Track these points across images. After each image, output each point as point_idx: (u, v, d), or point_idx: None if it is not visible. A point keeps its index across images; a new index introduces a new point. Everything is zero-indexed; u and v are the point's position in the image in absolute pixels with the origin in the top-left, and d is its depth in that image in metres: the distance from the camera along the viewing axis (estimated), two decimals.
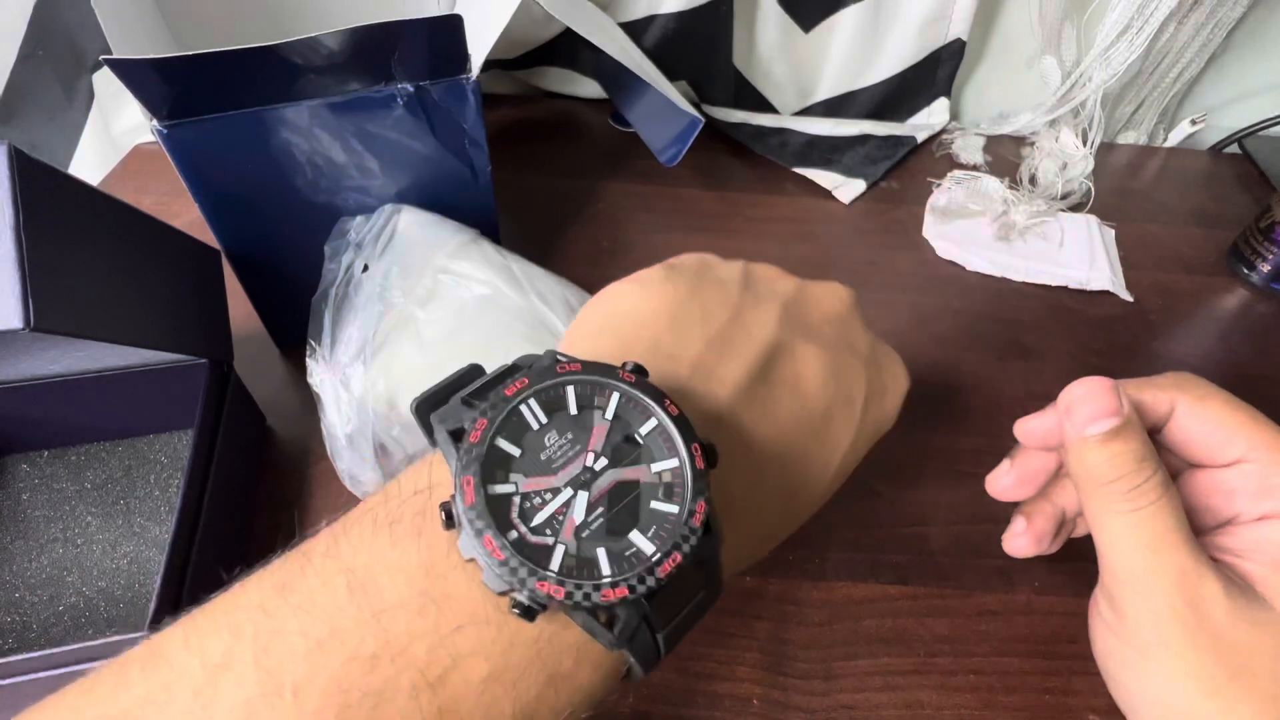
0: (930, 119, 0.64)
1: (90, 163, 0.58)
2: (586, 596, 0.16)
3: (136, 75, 0.29)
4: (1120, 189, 0.59)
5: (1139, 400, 0.26)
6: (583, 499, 0.18)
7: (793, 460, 0.23)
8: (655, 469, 0.19)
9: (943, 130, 0.63)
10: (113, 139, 0.58)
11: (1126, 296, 0.49)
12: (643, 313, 0.24)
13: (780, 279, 0.27)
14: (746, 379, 0.23)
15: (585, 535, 0.17)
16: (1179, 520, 0.23)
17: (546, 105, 0.65)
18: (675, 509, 0.18)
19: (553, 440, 0.18)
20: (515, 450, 0.18)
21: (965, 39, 0.59)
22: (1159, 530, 0.23)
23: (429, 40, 0.32)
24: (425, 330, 0.33)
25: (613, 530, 0.18)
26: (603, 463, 0.18)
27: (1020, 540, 0.29)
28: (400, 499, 0.18)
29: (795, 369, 0.24)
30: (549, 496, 0.17)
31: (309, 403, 0.35)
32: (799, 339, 0.25)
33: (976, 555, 0.35)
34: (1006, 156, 0.61)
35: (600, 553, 0.17)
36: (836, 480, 0.25)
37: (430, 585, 0.17)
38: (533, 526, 0.17)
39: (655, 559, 0.17)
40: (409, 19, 0.31)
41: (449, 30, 0.32)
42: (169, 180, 0.36)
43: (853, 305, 0.28)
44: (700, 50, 0.59)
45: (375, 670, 0.16)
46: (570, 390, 0.19)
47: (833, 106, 0.64)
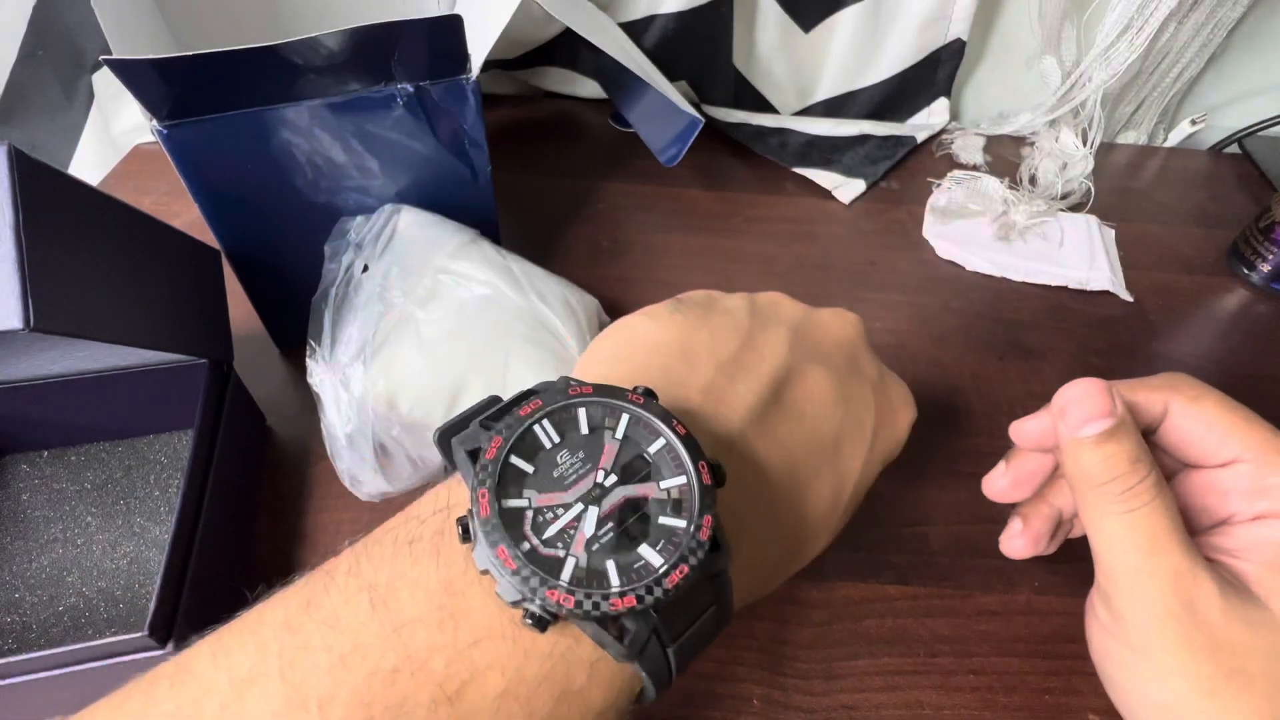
0: (930, 119, 0.64)
1: (90, 163, 0.58)
2: (596, 605, 0.17)
3: (136, 75, 0.29)
4: (1120, 189, 0.59)
5: (1133, 401, 0.26)
6: (593, 514, 0.18)
7: (804, 484, 0.23)
8: (664, 486, 0.19)
9: (943, 130, 0.63)
10: (113, 139, 0.58)
11: (1126, 296, 0.49)
12: (653, 342, 0.24)
13: (787, 304, 0.27)
14: (758, 402, 0.23)
15: (595, 549, 0.18)
16: (1173, 521, 0.23)
17: (546, 105, 0.65)
18: (683, 523, 0.18)
19: (565, 459, 0.19)
20: (529, 467, 0.19)
21: (965, 39, 0.59)
22: (1153, 530, 0.23)
23: (429, 40, 0.32)
24: (425, 330, 0.33)
25: (622, 544, 0.18)
26: (613, 480, 0.19)
27: (1017, 541, 0.29)
28: (420, 519, 0.19)
29: (806, 392, 0.24)
30: (561, 511, 0.18)
31: (309, 403, 0.35)
32: (809, 363, 0.25)
33: (976, 555, 0.35)
34: (1006, 156, 0.61)
35: (610, 565, 0.18)
36: (849, 507, 0.25)
37: (449, 600, 0.17)
38: (545, 539, 0.18)
39: (663, 570, 0.17)
40: (409, 19, 0.31)
41: (449, 30, 0.32)
42: (169, 180, 0.36)
43: (861, 332, 0.28)
44: (700, 50, 0.59)
45: (396, 684, 0.16)
46: (582, 411, 0.20)
47: (833, 106, 0.64)
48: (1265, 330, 0.48)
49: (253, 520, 0.36)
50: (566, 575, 0.17)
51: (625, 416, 0.20)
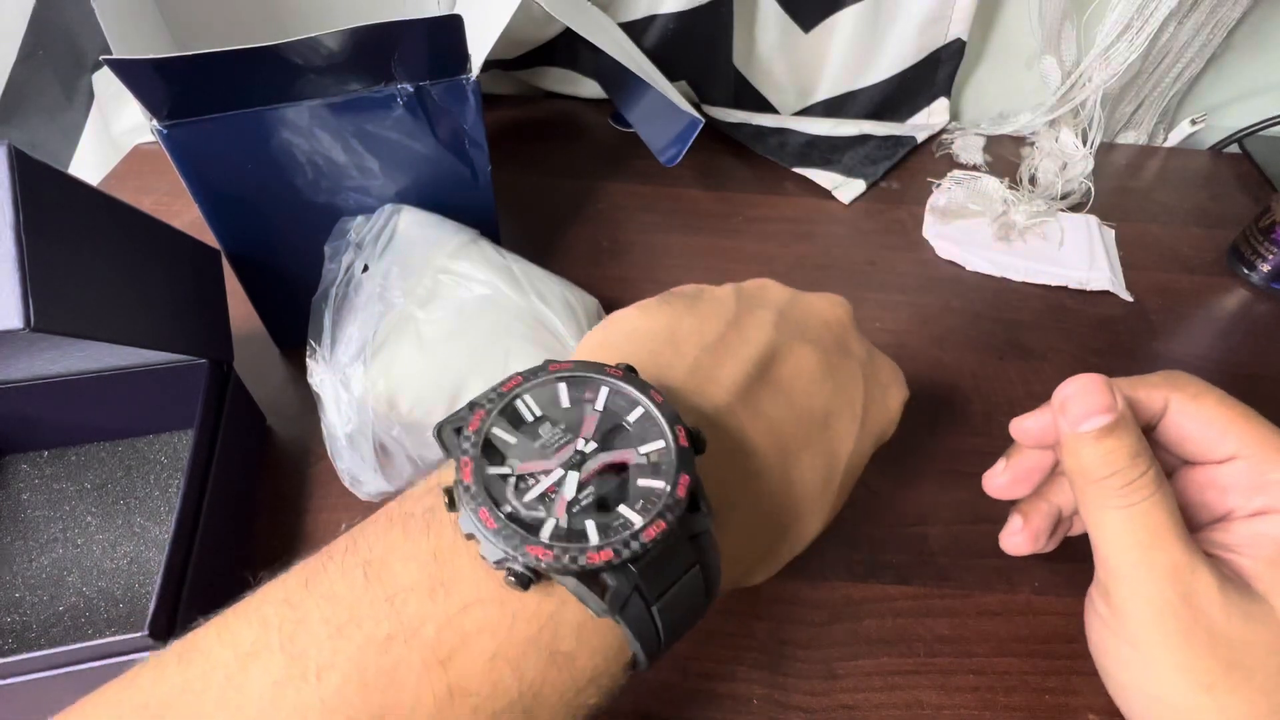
0: (930, 119, 0.64)
1: (90, 163, 0.58)
2: (574, 559, 0.17)
3: (136, 75, 0.29)
4: (1120, 189, 0.59)
5: (1133, 398, 0.26)
6: (573, 478, 0.19)
7: (792, 459, 0.23)
8: (643, 451, 0.20)
9: (943, 130, 0.63)
10: (113, 139, 0.58)
11: (1126, 296, 0.49)
12: (642, 330, 0.24)
13: (774, 288, 0.28)
14: (743, 379, 0.23)
15: (576, 510, 0.18)
16: (1172, 515, 0.24)
17: (546, 105, 0.65)
18: (661, 484, 0.19)
19: (547, 430, 0.20)
20: (511, 439, 0.19)
21: (965, 39, 0.59)
22: (1152, 525, 0.23)
23: (429, 40, 0.32)
24: (425, 330, 0.34)
25: (602, 506, 0.19)
26: (593, 447, 0.19)
27: (1017, 538, 0.29)
28: (413, 499, 0.20)
29: (792, 370, 0.24)
30: (542, 477, 0.19)
31: (309, 403, 0.35)
32: (795, 341, 0.25)
33: (976, 555, 0.35)
34: (1006, 156, 0.61)
35: (589, 524, 0.18)
36: (844, 485, 0.25)
37: (439, 570, 0.18)
38: (526, 502, 0.18)
39: (640, 526, 0.18)
40: (409, 19, 0.31)
41: (449, 30, 0.32)
42: (169, 180, 0.36)
43: (848, 313, 0.28)
44: (700, 50, 0.59)
45: (390, 651, 0.17)
46: (562, 386, 0.21)
47: (832, 106, 0.64)
48: (1265, 330, 0.48)
49: (253, 520, 0.36)
50: (546, 533, 0.18)
51: (604, 389, 0.21)
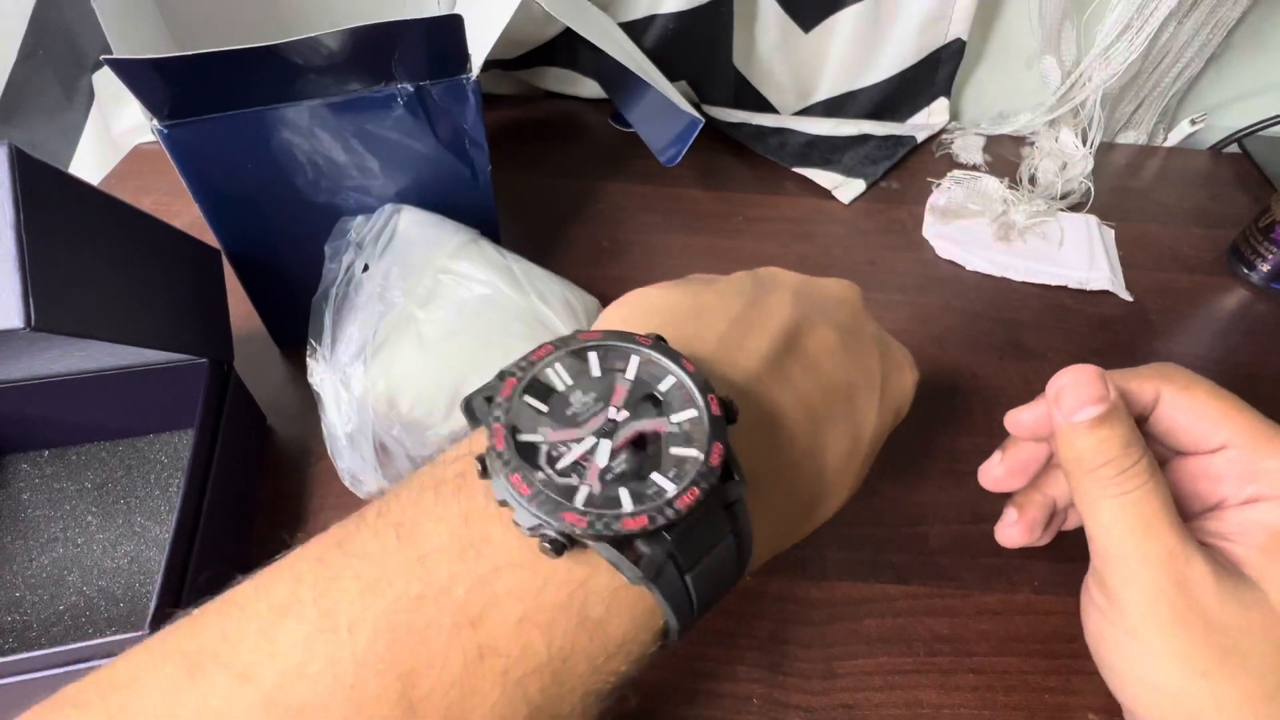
0: (930, 119, 0.64)
1: (90, 163, 0.58)
2: (608, 525, 0.17)
3: (136, 75, 0.29)
4: (1120, 189, 0.59)
5: (1125, 389, 0.26)
6: (606, 446, 0.19)
7: (822, 430, 0.24)
8: (675, 420, 0.20)
9: (942, 130, 0.63)
10: (113, 139, 0.58)
11: (1126, 296, 0.49)
12: (665, 304, 0.25)
13: (786, 273, 0.28)
14: (771, 350, 0.23)
15: (609, 478, 0.18)
16: (1166, 504, 0.24)
17: (546, 105, 0.65)
18: (695, 452, 0.19)
19: (578, 399, 0.20)
20: (543, 407, 0.19)
21: (965, 39, 0.59)
22: (1146, 513, 0.24)
23: (429, 40, 0.32)
24: (425, 330, 0.34)
25: (635, 474, 0.18)
26: (625, 415, 0.19)
27: (1012, 530, 0.30)
28: (444, 465, 0.20)
29: (816, 343, 0.25)
30: (574, 445, 0.19)
31: (309, 403, 0.35)
32: (815, 317, 0.25)
33: (976, 554, 0.35)
34: (1006, 156, 0.61)
35: (622, 492, 0.18)
36: (866, 459, 0.26)
37: (469, 532, 0.18)
38: (559, 470, 0.18)
39: (674, 494, 0.18)
40: (409, 19, 0.31)
41: (449, 30, 0.32)
42: (169, 180, 0.36)
43: (859, 295, 0.29)
44: (700, 50, 0.59)
45: (420, 610, 0.17)
46: (593, 355, 0.21)
47: (832, 106, 0.64)
48: (1265, 330, 0.48)
49: (253, 520, 0.36)
50: (580, 500, 0.17)
51: (635, 358, 0.20)
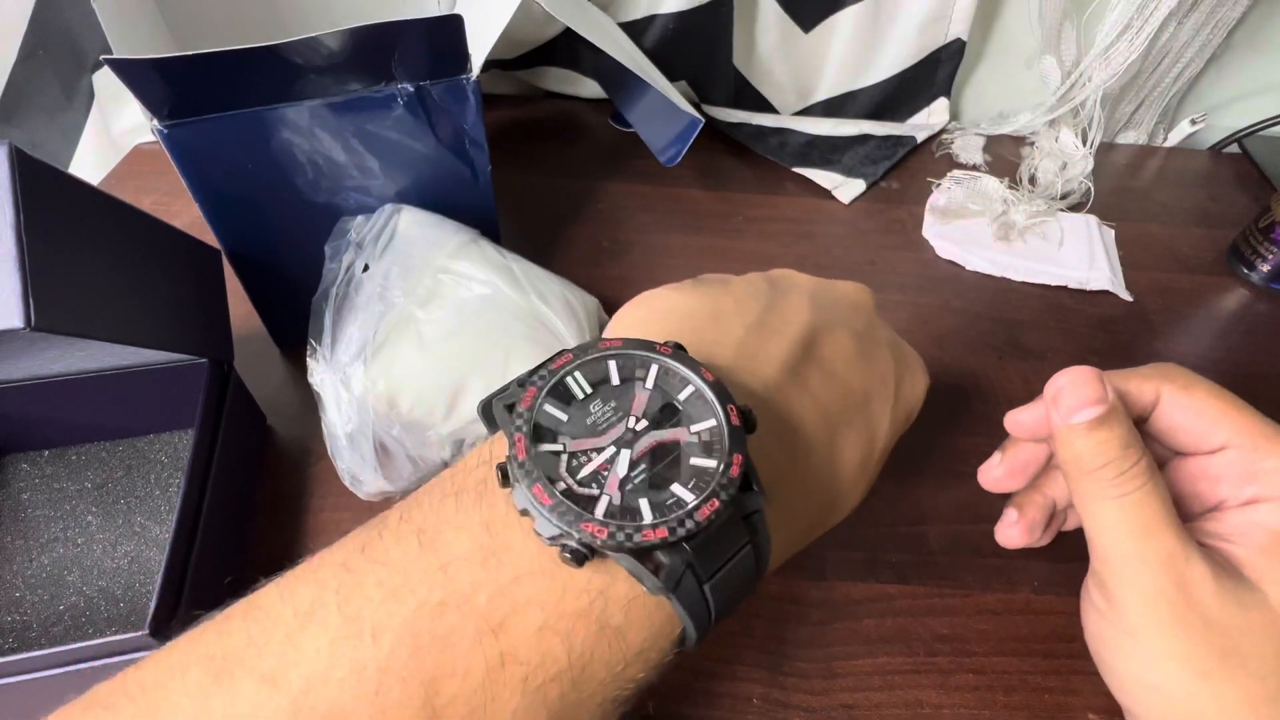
0: (930, 119, 0.64)
1: (90, 163, 0.58)
2: (629, 537, 0.17)
3: (137, 75, 0.29)
4: (1120, 189, 0.59)
5: (1124, 390, 0.26)
6: (625, 456, 0.19)
7: (838, 437, 0.24)
8: (694, 429, 0.20)
9: (942, 130, 0.63)
10: (113, 139, 0.58)
11: (1126, 296, 0.49)
12: (682, 308, 0.25)
13: (800, 276, 0.28)
14: (789, 358, 0.23)
15: (629, 488, 0.18)
16: (1165, 505, 0.24)
17: (546, 105, 0.65)
18: (714, 463, 0.19)
19: (597, 408, 0.20)
20: (563, 415, 0.20)
21: (965, 39, 0.59)
22: (1146, 515, 0.24)
23: (429, 40, 0.32)
24: (425, 330, 0.34)
25: (655, 484, 0.19)
26: (644, 425, 0.20)
27: (1012, 531, 0.29)
28: (465, 472, 0.20)
29: (832, 350, 0.25)
30: (594, 454, 0.19)
31: (309, 403, 0.35)
32: (831, 323, 0.25)
33: (976, 554, 0.35)
34: (1006, 156, 0.61)
35: (642, 502, 0.18)
36: (878, 464, 0.26)
37: (490, 540, 0.18)
38: (579, 480, 0.18)
39: (694, 505, 0.18)
40: (409, 19, 0.31)
41: (449, 30, 0.32)
42: (169, 180, 0.36)
43: (872, 300, 0.29)
44: (700, 50, 0.59)
45: (443, 617, 0.17)
46: (612, 363, 0.21)
47: (832, 106, 0.64)
48: (1265, 330, 0.48)
49: (253, 520, 0.36)
50: (600, 511, 0.18)
51: (655, 367, 0.21)
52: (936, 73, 0.61)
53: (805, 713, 0.30)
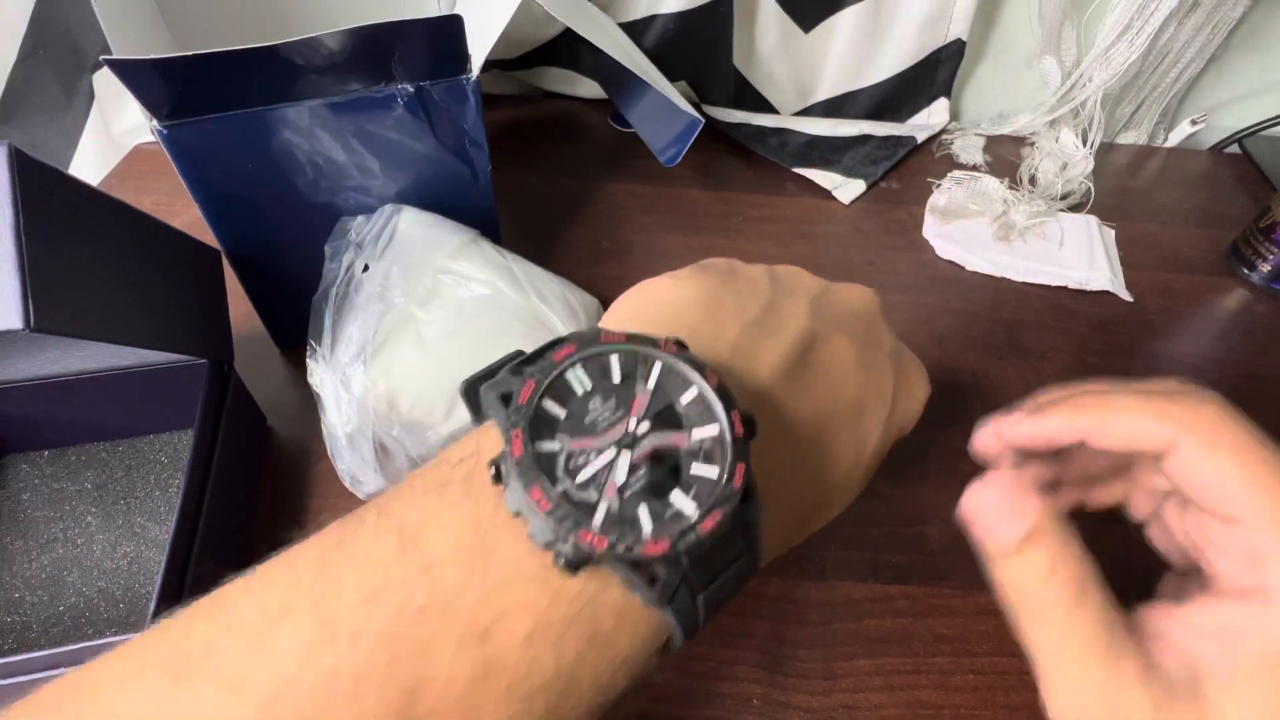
0: (930, 119, 0.64)
1: (90, 163, 0.58)
2: (629, 549, 0.16)
3: (136, 75, 0.29)
4: (1120, 189, 0.59)
5: (1133, 429, 0.23)
6: (625, 459, 0.18)
7: (829, 444, 0.23)
8: (696, 435, 0.19)
9: (943, 130, 0.63)
10: (113, 139, 0.58)
11: (1126, 296, 0.49)
12: (680, 301, 0.24)
13: (806, 276, 0.28)
14: (785, 361, 0.23)
15: (628, 495, 0.18)
16: (1102, 628, 0.21)
17: (546, 105, 0.65)
18: (715, 471, 0.18)
19: (597, 406, 0.19)
20: (561, 412, 0.19)
21: (965, 39, 0.59)
22: (1081, 639, 0.21)
23: (429, 40, 0.32)
24: (425, 330, 0.33)
25: (654, 491, 0.18)
26: (645, 427, 0.19)
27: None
28: (450, 464, 0.19)
29: (830, 356, 0.24)
30: (593, 456, 0.18)
31: (309, 403, 0.35)
32: (831, 329, 0.25)
33: (976, 555, 0.35)
34: (1006, 156, 0.61)
35: (642, 510, 0.17)
36: (868, 472, 0.25)
37: (478, 540, 0.17)
38: (578, 483, 0.18)
39: (696, 518, 0.17)
40: (409, 19, 0.31)
41: (449, 30, 0.32)
42: (169, 180, 0.36)
43: (878, 304, 0.28)
44: (700, 50, 0.59)
45: (424, 622, 0.16)
46: (614, 359, 0.20)
47: (833, 107, 0.64)
48: (1265, 330, 0.48)
49: (253, 521, 0.36)
50: (599, 519, 0.17)
51: (658, 365, 0.20)
52: (937, 73, 0.61)
53: (805, 713, 0.30)
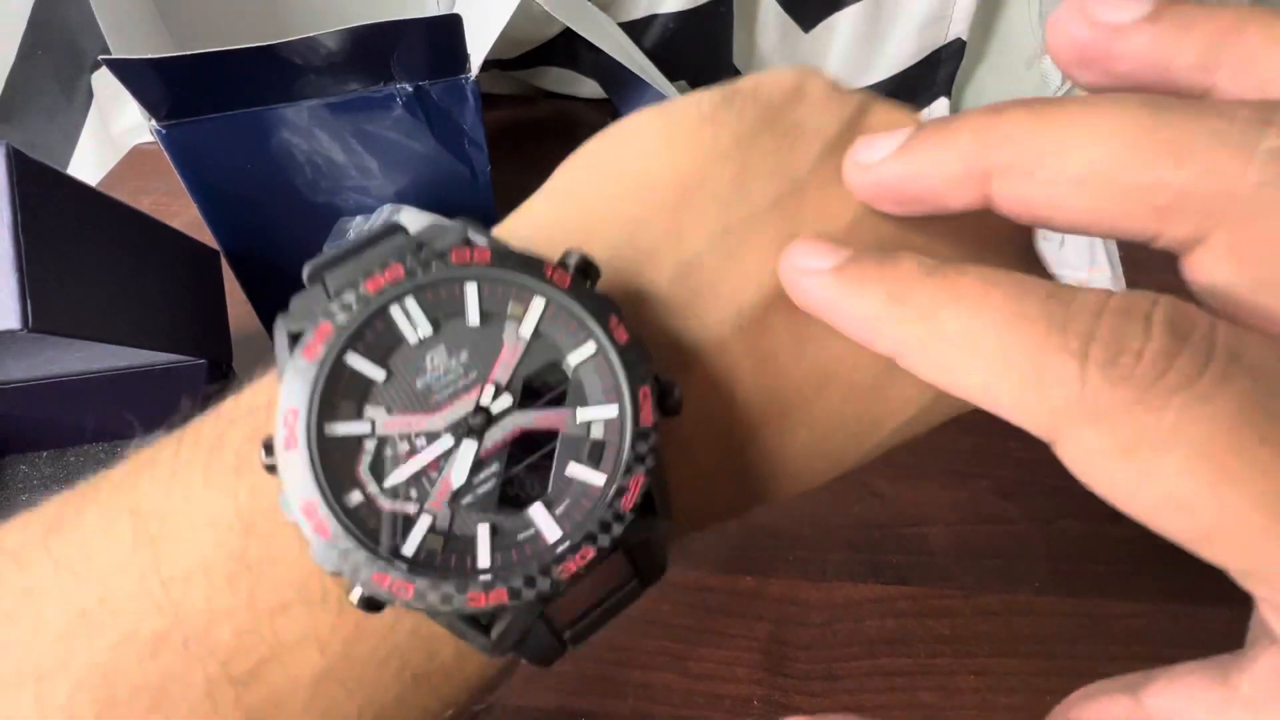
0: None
1: (89, 163, 0.58)
2: (446, 600, 0.11)
3: (135, 75, 0.29)
4: None
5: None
6: (469, 450, 0.12)
7: (787, 432, 0.15)
8: (583, 417, 0.13)
9: None
10: (112, 139, 0.58)
11: None
12: (642, 172, 0.16)
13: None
14: (761, 298, 0.14)
15: (466, 502, 0.12)
16: None
17: (546, 105, 0.65)
18: (601, 479, 0.13)
19: (438, 362, 0.13)
20: (378, 373, 0.13)
21: (965, 39, 0.59)
22: None
23: (428, 40, 0.32)
24: None
25: (506, 499, 0.13)
26: (506, 401, 0.13)
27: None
28: (224, 420, 0.14)
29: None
30: (421, 443, 0.12)
31: None
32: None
33: (976, 555, 0.35)
34: None
35: (482, 531, 0.12)
36: (838, 475, 0.17)
37: (248, 546, 0.12)
38: (388, 487, 0.12)
39: (558, 552, 0.12)
40: (408, 19, 0.31)
41: (448, 30, 0.32)
42: (168, 180, 0.36)
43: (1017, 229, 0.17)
44: (700, 50, 0.59)
45: (156, 657, 0.12)
46: (471, 289, 0.13)
47: None
48: None
49: None
50: (411, 546, 0.12)
51: (539, 303, 0.13)
52: (937, 73, 0.61)
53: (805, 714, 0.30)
